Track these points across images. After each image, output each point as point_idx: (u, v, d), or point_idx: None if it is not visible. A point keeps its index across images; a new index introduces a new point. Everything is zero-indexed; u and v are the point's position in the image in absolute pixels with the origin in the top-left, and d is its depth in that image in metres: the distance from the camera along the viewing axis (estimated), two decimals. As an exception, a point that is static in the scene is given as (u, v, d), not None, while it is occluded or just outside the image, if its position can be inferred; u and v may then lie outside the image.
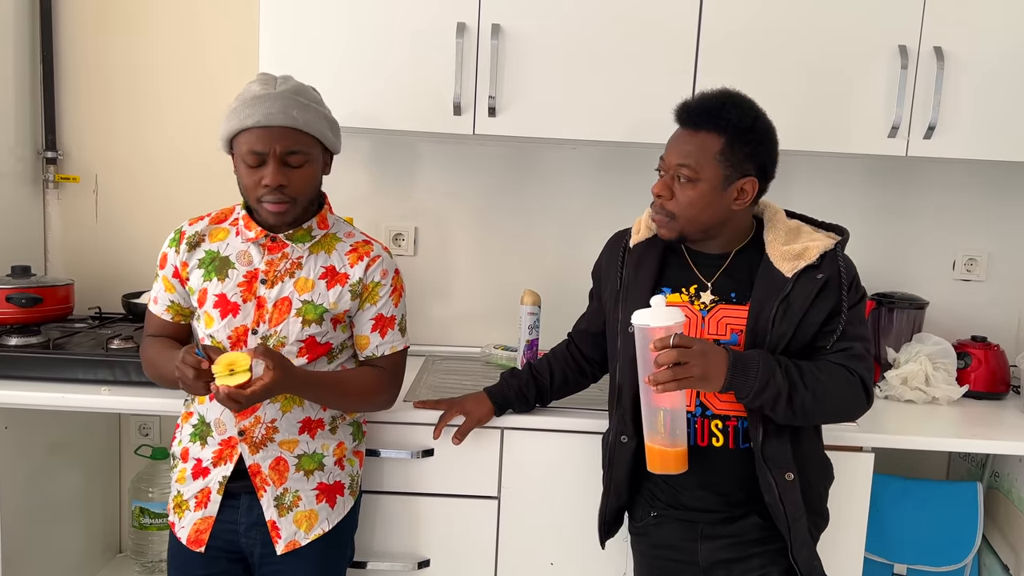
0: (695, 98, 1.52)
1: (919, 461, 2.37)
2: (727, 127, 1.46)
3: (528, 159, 2.38)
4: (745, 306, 1.51)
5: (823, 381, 1.45)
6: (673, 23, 1.97)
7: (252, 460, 1.54)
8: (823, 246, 1.51)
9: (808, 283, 1.48)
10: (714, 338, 1.51)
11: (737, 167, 1.47)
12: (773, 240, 1.54)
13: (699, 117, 1.48)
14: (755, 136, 1.48)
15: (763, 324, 1.47)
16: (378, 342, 1.62)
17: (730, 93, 1.50)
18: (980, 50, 1.99)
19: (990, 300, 2.43)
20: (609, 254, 1.69)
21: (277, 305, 1.54)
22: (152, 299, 1.66)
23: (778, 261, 1.50)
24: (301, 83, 1.53)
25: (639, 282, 1.57)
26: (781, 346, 1.47)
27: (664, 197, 1.51)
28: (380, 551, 1.85)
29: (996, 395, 2.19)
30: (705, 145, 1.47)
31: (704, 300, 1.53)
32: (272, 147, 1.45)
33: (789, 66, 1.99)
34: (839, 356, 1.49)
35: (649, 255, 1.60)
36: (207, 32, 2.35)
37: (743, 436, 1.51)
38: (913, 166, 2.35)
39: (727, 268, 1.55)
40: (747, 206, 1.51)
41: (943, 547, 2.09)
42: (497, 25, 1.95)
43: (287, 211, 1.50)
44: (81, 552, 2.31)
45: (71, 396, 1.82)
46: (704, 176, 1.47)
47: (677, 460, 1.45)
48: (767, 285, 1.50)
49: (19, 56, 2.29)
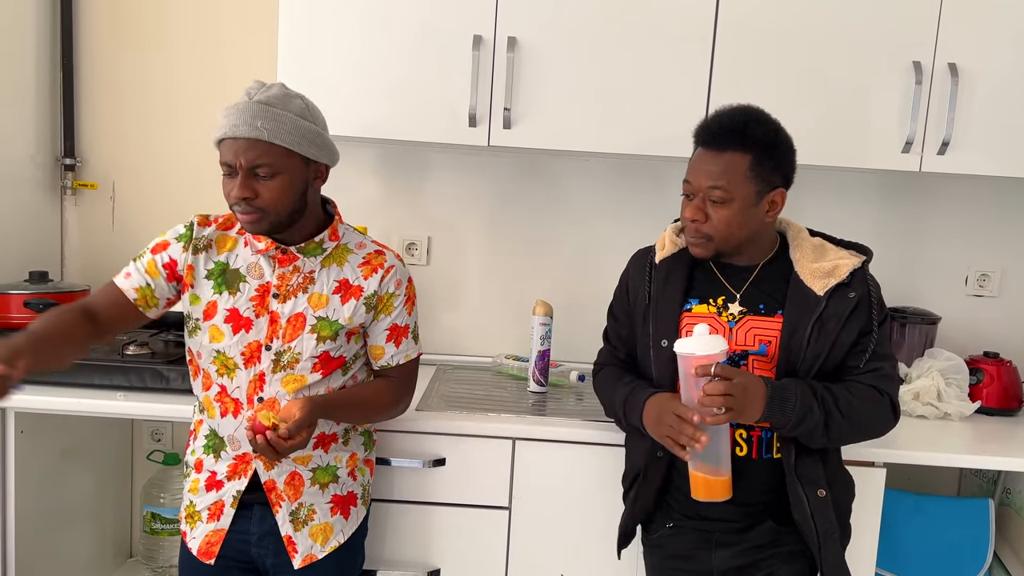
0: (714, 118, 1.53)
1: (931, 477, 2.36)
2: (752, 144, 1.47)
3: (541, 170, 2.39)
4: (773, 318, 1.53)
5: (856, 407, 1.48)
6: (688, 38, 1.98)
7: (267, 476, 1.54)
8: (851, 264, 1.52)
9: (841, 302, 1.50)
10: (742, 348, 1.53)
11: (766, 181, 1.49)
12: (801, 258, 1.55)
13: (723, 138, 1.49)
14: (779, 150, 1.51)
15: (797, 342, 1.49)
16: (393, 352, 1.62)
17: (749, 110, 1.51)
18: (994, 67, 1.99)
19: (1003, 316, 2.42)
20: (636, 272, 1.68)
21: (291, 321, 1.52)
22: (124, 273, 1.57)
23: (809, 279, 1.52)
24: (287, 92, 1.47)
25: (668, 295, 1.58)
26: (816, 366, 1.49)
27: (699, 221, 1.51)
28: (391, 560, 1.86)
29: (1008, 411, 2.17)
30: (733, 164, 1.47)
31: (733, 311, 1.55)
32: (238, 159, 1.42)
33: (803, 82, 1.99)
34: (869, 377, 1.52)
35: (677, 269, 1.60)
36: (224, 42, 2.38)
37: (767, 446, 1.52)
38: (927, 182, 2.35)
39: (755, 280, 1.57)
40: (778, 215, 1.54)
41: (954, 563, 2.08)
42: (513, 38, 1.97)
43: (257, 221, 1.46)
44: (92, 556, 2.32)
45: (86, 401, 1.83)
46: (737, 195, 1.48)
47: (723, 487, 1.46)
48: (800, 303, 1.51)
49: (40, 65, 2.32)
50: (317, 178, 1.53)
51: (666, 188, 2.36)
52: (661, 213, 2.35)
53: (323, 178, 1.54)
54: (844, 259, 1.53)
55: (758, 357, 1.52)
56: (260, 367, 1.52)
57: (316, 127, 1.49)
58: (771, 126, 1.51)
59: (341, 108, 1.98)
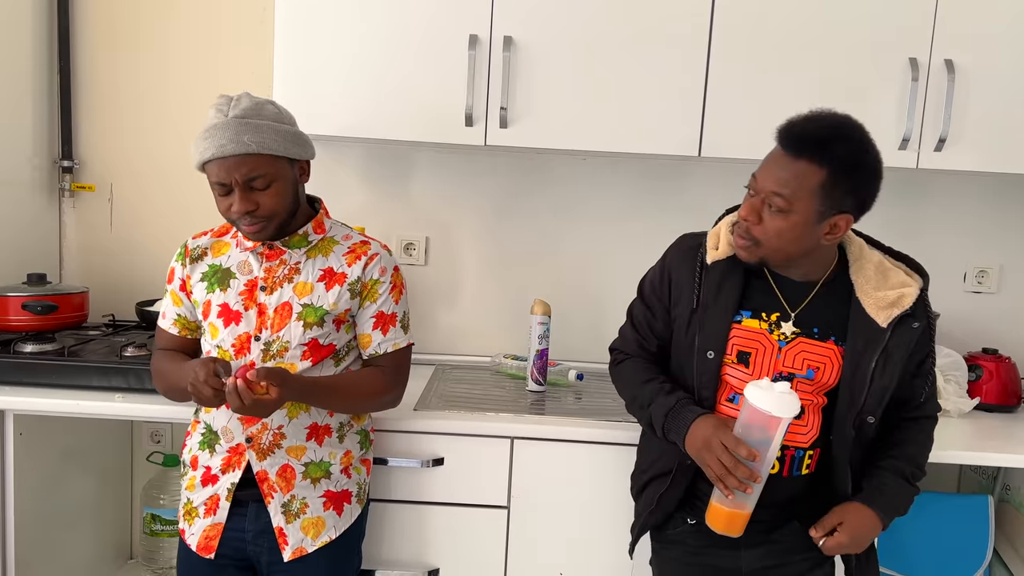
0: (801, 120, 1.40)
1: (930, 474, 2.31)
2: (832, 161, 1.35)
3: (539, 170, 2.39)
4: (826, 343, 1.47)
5: (928, 449, 1.56)
6: (684, 36, 1.98)
7: (259, 467, 1.56)
8: (914, 293, 1.47)
9: (905, 333, 1.46)
10: (789, 371, 1.47)
11: (835, 203, 1.37)
12: (863, 284, 1.48)
13: (803, 144, 1.37)
14: (860, 173, 1.38)
15: (862, 377, 1.45)
16: (380, 339, 1.62)
17: (841, 122, 1.39)
18: (991, 63, 1.99)
19: (1001, 312, 2.42)
20: (682, 267, 1.55)
21: (278, 311, 1.56)
22: (161, 314, 1.69)
23: (872, 309, 1.45)
24: (255, 101, 1.49)
25: (719, 305, 1.49)
26: (885, 399, 1.47)
27: (751, 221, 1.42)
28: (389, 560, 1.86)
29: (1007, 408, 2.17)
30: (804, 175, 1.36)
31: (785, 331, 1.48)
32: (232, 176, 1.46)
33: (800, 79, 1.99)
34: (930, 406, 1.57)
35: (731, 275, 1.50)
36: (220, 43, 2.38)
37: (798, 464, 1.50)
38: (924, 178, 2.35)
39: (812, 301, 1.49)
40: (838, 240, 1.44)
41: (954, 560, 2.08)
42: (509, 37, 1.97)
43: (263, 229, 1.52)
44: (93, 558, 2.32)
45: (85, 403, 1.83)
46: (797, 208, 1.37)
47: (743, 522, 1.43)
48: (863, 335, 1.45)
49: (37, 68, 2.32)
50: (302, 174, 1.58)
51: (664, 186, 2.36)
52: (659, 211, 2.36)
53: (307, 173, 1.60)
54: (907, 287, 1.47)
55: (803, 380, 1.47)
56: (250, 357, 1.55)
57: (292, 127, 1.54)
58: (859, 145, 1.38)
59: (338, 109, 1.99)
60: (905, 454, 1.51)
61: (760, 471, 1.37)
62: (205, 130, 1.46)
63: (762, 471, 1.37)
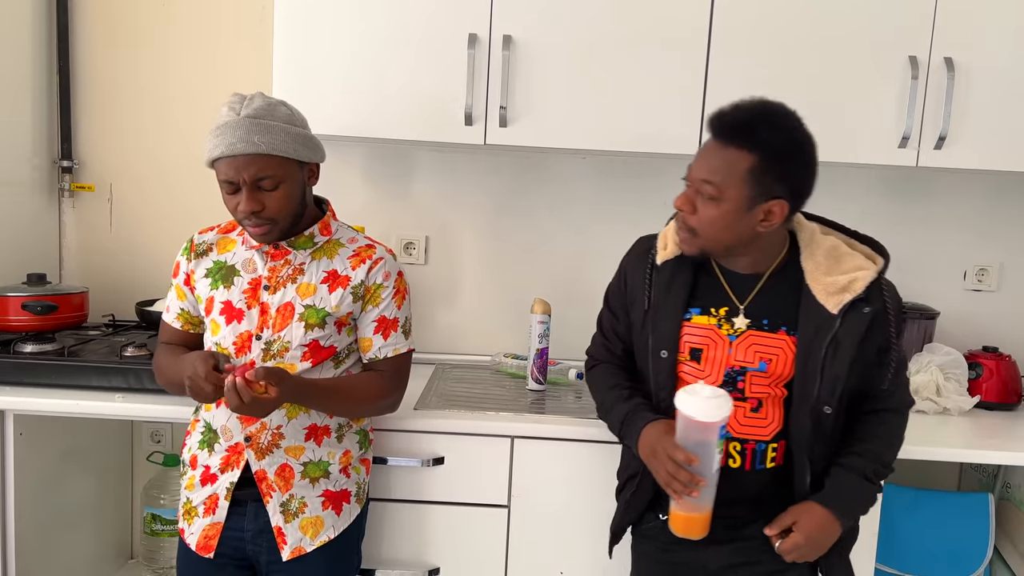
0: (730, 108, 1.40)
1: (930, 472, 2.35)
2: (759, 145, 1.35)
3: (539, 168, 2.39)
4: (777, 334, 1.46)
5: (894, 446, 1.53)
6: (684, 35, 1.98)
7: (258, 466, 1.56)
8: (868, 277, 1.43)
9: (856, 319, 1.42)
10: (741, 364, 1.47)
11: (766, 189, 1.37)
12: (813, 269, 1.45)
13: (731, 131, 1.37)
14: (790, 157, 1.37)
15: (814, 366, 1.42)
16: (380, 344, 1.62)
17: (768, 106, 1.39)
18: (990, 61, 1.99)
19: (1001, 310, 2.42)
20: (635, 269, 1.58)
21: (280, 310, 1.56)
22: (165, 308, 1.69)
23: (821, 295, 1.43)
24: (268, 101, 1.49)
25: (668, 303, 1.50)
26: (838, 389, 1.43)
27: (686, 211, 1.42)
28: (389, 559, 1.86)
29: (1008, 406, 2.17)
30: (733, 162, 1.36)
31: (736, 325, 1.47)
32: (241, 176, 1.46)
33: (799, 77, 1.99)
34: (896, 398, 1.52)
35: (680, 273, 1.50)
36: (220, 43, 2.38)
37: (760, 457, 1.49)
38: (924, 176, 2.35)
39: (760, 291, 1.48)
40: (775, 228, 1.42)
41: (955, 558, 2.08)
42: (508, 36, 1.97)
43: (269, 231, 1.52)
44: (93, 558, 2.32)
45: (85, 403, 1.84)
46: (727, 196, 1.37)
47: (702, 525, 1.44)
48: (813, 322, 1.43)
49: (36, 68, 2.32)
50: (311, 177, 1.58)
51: (664, 186, 2.35)
52: (659, 211, 2.35)
53: (316, 176, 1.59)
54: (861, 271, 1.44)
55: (756, 374, 1.46)
56: (251, 356, 1.55)
57: (304, 130, 1.54)
58: (789, 131, 1.38)
59: (337, 108, 1.99)
60: (867, 451, 1.47)
61: (703, 474, 1.38)
62: (216, 127, 1.47)
63: (705, 474, 1.38)
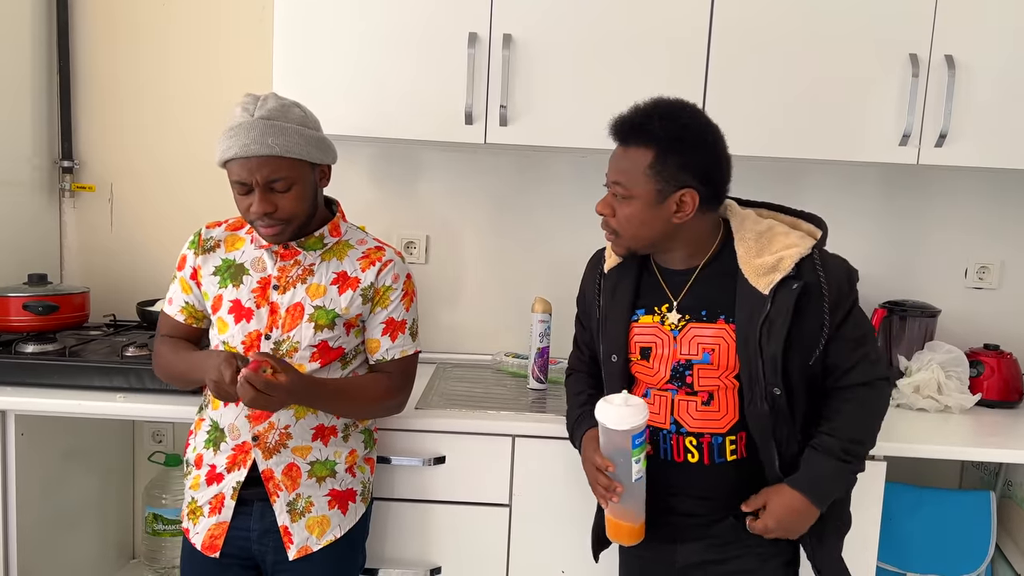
0: (627, 112, 1.46)
1: (931, 470, 2.35)
2: (654, 139, 1.41)
3: (539, 167, 2.39)
4: (716, 324, 1.47)
5: (870, 422, 1.50)
6: (684, 33, 1.98)
7: (265, 465, 1.56)
8: (797, 253, 1.43)
9: (786, 296, 1.41)
10: (687, 358, 1.48)
11: (670, 180, 1.41)
12: (744, 253, 1.46)
13: (628, 131, 1.44)
14: (686, 146, 1.41)
15: (753, 348, 1.43)
16: (388, 345, 1.63)
17: (661, 103, 1.45)
18: (991, 58, 1.98)
19: (1003, 308, 2.42)
20: (588, 280, 1.65)
21: (290, 311, 1.56)
22: (167, 299, 1.68)
23: (753, 277, 1.43)
24: (282, 103, 1.50)
25: (616, 308, 1.55)
26: (780, 366, 1.42)
27: (607, 215, 1.49)
28: (392, 558, 1.86)
29: (1009, 403, 2.17)
30: (636, 160, 1.42)
31: (672, 320, 1.50)
32: (253, 177, 1.46)
33: (800, 75, 1.99)
34: (859, 373, 1.47)
35: (624, 278, 1.56)
36: (220, 42, 2.38)
37: (719, 451, 1.49)
38: (925, 174, 2.35)
39: (693, 284, 1.50)
40: (691, 217, 1.44)
41: (956, 557, 2.08)
42: (508, 35, 1.97)
43: (281, 232, 1.52)
44: (95, 558, 2.33)
45: (87, 403, 1.84)
46: (636, 192, 1.43)
47: (632, 534, 1.50)
48: (747, 305, 1.44)
49: (36, 68, 2.32)
50: (322, 179, 1.58)
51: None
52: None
53: (327, 178, 1.60)
54: (790, 248, 1.43)
55: (703, 366, 1.48)
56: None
57: (317, 132, 1.54)
58: (679, 120, 1.41)
59: (337, 108, 1.99)
60: (834, 429, 1.46)
61: (621, 480, 1.43)
62: (230, 128, 1.46)
63: (623, 481, 1.43)
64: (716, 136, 1.45)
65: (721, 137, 1.46)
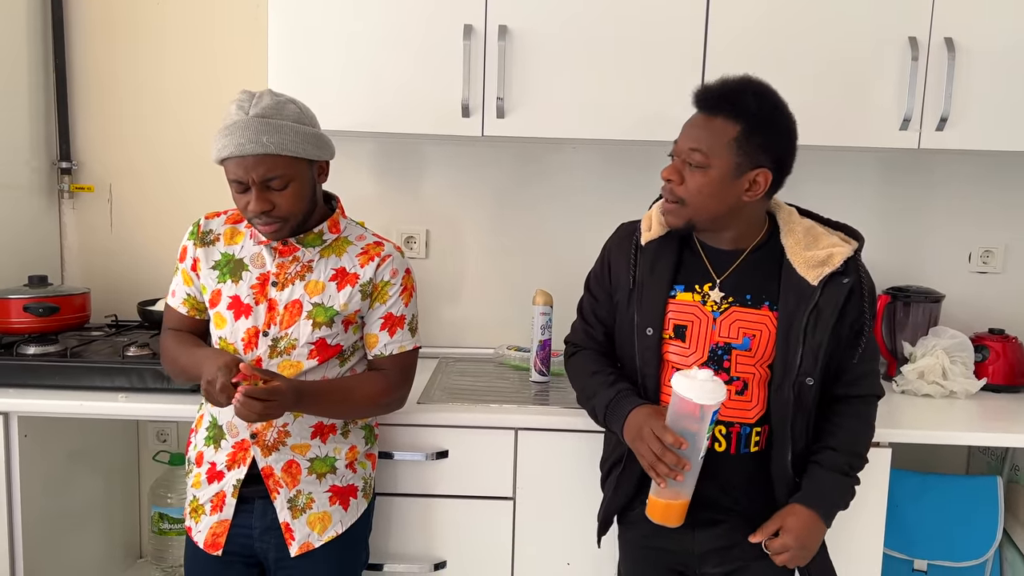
0: (715, 82, 1.47)
1: (937, 456, 2.34)
2: (744, 114, 1.41)
3: (538, 160, 2.38)
4: (760, 310, 1.48)
5: (868, 435, 1.54)
6: (681, 21, 1.96)
7: (265, 463, 1.55)
8: (846, 253, 1.48)
9: (835, 290, 1.46)
10: (726, 341, 1.48)
11: (751, 157, 1.42)
12: (793, 245, 1.50)
13: (717, 101, 1.44)
14: (773, 127, 1.44)
15: (795, 336, 1.45)
16: (386, 341, 1.62)
17: (752, 80, 1.46)
18: (991, 41, 1.97)
19: (1007, 292, 2.40)
20: (619, 252, 1.61)
21: (288, 308, 1.55)
22: (171, 291, 1.67)
23: (802, 268, 1.47)
24: (277, 100, 1.48)
25: (654, 281, 1.53)
26: (820, 359, 1.45)
27: (674, 181, 1.47)
28: (396, 553, 1.86)
29: (1015, 388, 2.16)
30: (720, 131, 1.42)
31: (715, 299, 1.50)
32: (249, 176, 1.45)
33: (798, 60, 1.97)
34: (867, 384, 1.53)
35: (664, 253, 1.54)
36: (217, 41, 2.37)
37: (745, 441, 1.50)
38: (926, 158, 2.33)
39: (740, 267, 1.51)
40: (759, 199, 1.47)
41: (963, 542, 2.07)
42: (504, 26, 1.96)
43: (279, 230, 1.52)
44: (101, 558, 2.33)
45: (89, 404, 1.84)
46: (715, 163, 1.42)
47: (680, 513, 1.45)
48: (794, 294, 1.46)
49: (33, 69, 2.32)
50: (320, 175, 1.58)
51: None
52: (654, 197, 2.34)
53: (325, 174, 1.59)
54: (838, 246, 1.49)
55: (741, 352, 1.48)
56: (257, 352, 1.55)
57: (313, 128, 1.53)
58: (770, 101, 1.44)
59: (333, 102, 1.98)
60: (841, 444, 1.49)
61: (690, 458, 1.39)
62: (225, 127, 1.46)
63: (692, 458, 1.39)
64: (795, 128, 1.48)
65: (797, 130, 1.48)
